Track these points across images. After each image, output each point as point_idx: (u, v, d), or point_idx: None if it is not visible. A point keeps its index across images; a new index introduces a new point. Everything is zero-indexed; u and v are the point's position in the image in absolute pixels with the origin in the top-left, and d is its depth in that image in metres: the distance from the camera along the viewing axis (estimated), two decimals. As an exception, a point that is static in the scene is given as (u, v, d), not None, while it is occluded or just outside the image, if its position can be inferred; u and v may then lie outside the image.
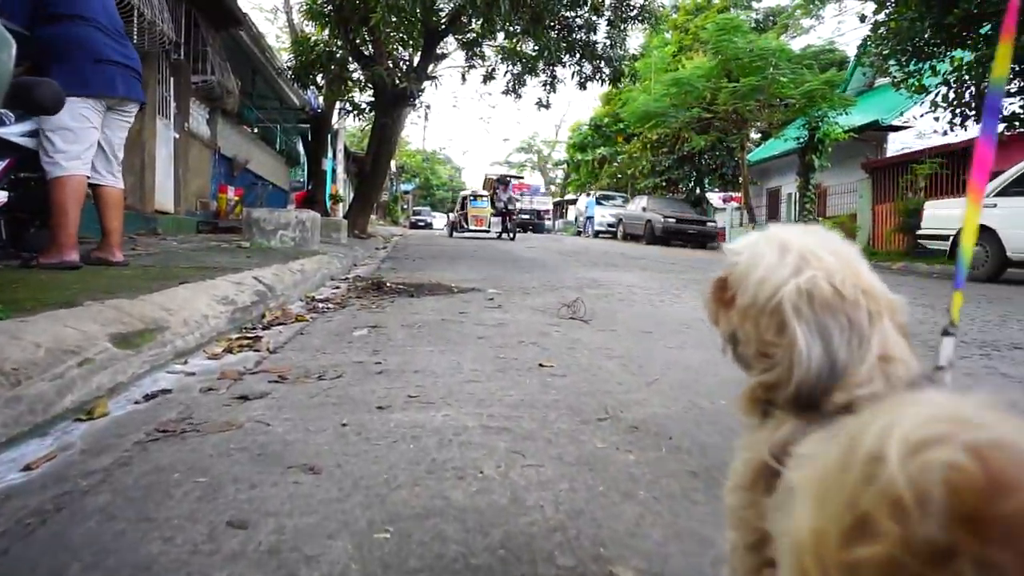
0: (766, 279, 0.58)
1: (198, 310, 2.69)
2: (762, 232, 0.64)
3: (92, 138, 3.67)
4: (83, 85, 3.54)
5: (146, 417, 1.53)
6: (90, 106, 3.62)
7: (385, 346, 2.63)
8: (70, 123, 3.53)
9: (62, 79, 3.47)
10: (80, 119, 3.56)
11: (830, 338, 0.54)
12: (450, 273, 6.60)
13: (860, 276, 0.58)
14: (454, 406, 1.69)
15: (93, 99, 3.62)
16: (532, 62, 14.65)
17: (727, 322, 0.65)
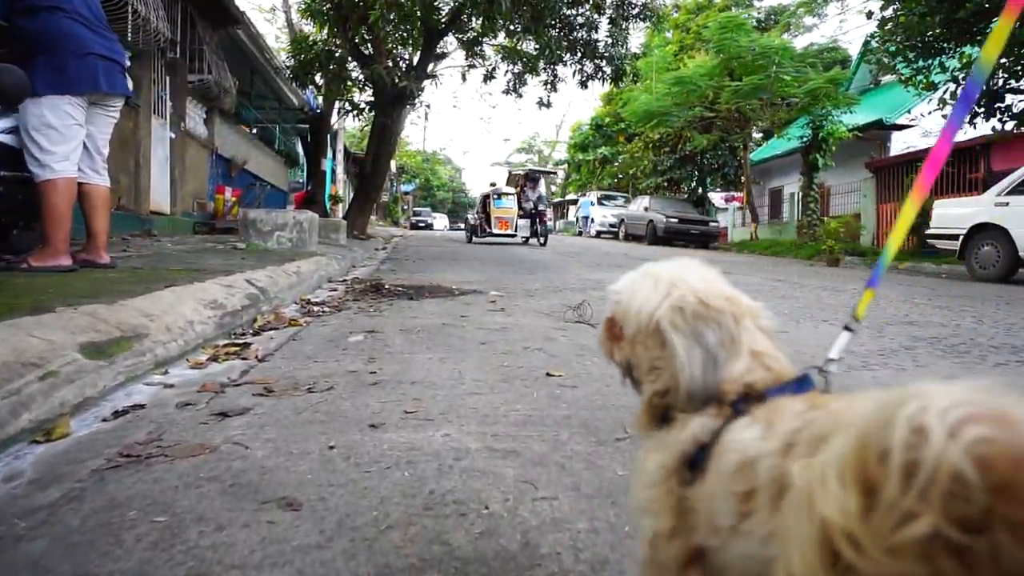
0: (643, 307, 0.67)
1: (183, 315, 2.53)
2: (637, 271, 0.73)
3: (79, 136, 3.52)
4: (66, 81, 3.38)
5: (111, 438, 1.37)
6: (74, 103, 3.45)
7: (382, 353, 2.47)
8: (54, 121, 3.37)
9: (44, 75, 3.31)
10: (64, 116, 3.40)
11: (705, 341, 0.63)
12: (451, 275, 6.44)
13: (722, 290, 0.67)
14: (455, 423, 1.53)
15: (77, 95, 3.46)
16: (533, 61, 14.49)
17: (620, 353, 0.72)
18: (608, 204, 24.69)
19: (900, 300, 5.19)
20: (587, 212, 25.33)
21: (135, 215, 8.09)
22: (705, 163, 22.14)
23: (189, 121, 10.55)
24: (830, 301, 4.95)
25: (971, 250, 8.51)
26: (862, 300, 0.79)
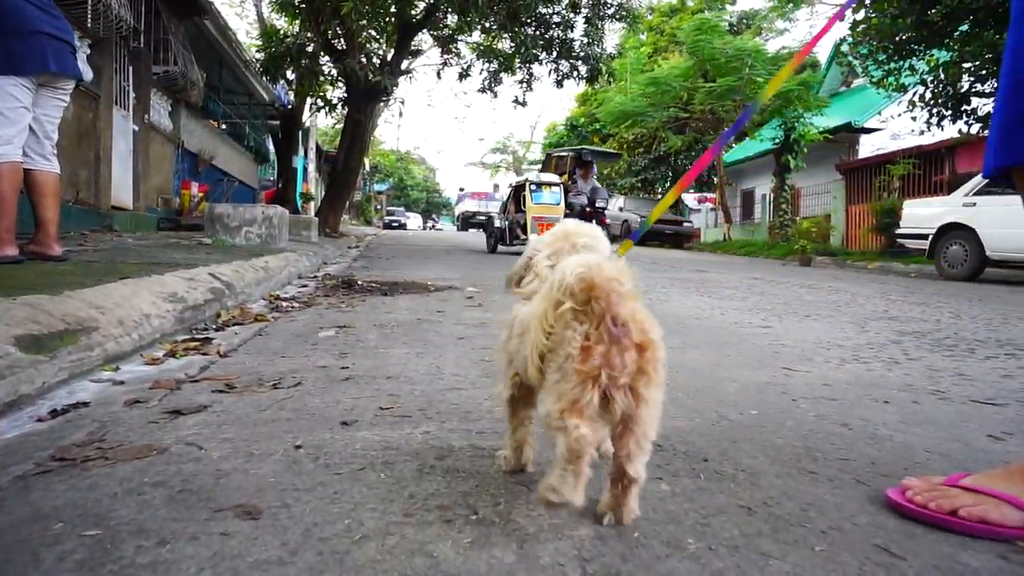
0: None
1: (138, 309, 2.34)
2: None
3: (25, 120, 3.30)
4: (11, 62, 3.17)
5: (45, 440, 1.20)
6: (20, 84, 3.24)
7: (354, 348, 2.32)
8: (3, 103, 3.15)
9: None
10: (9, 99, 3.19)
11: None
12: (425, 272, 6.28)
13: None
14: (435, 420, 1.40)
15: (23, 76, 3.24)
16: (508, 59, 14.40)
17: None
18: (583, 204, 24.67)
19: (876, 296, 5.20)
20: None
21: (94, 210, 7.75)
22: (679, 164, 22.29)
23: (153, 114, 10.18)
24: (809, 298, 4.93)
25: (940, 249, 8.64)
26: (622, 247, 1.23)
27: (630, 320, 0.83)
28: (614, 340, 0.81)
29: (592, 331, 0.81)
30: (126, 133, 9.16)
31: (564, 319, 0.83)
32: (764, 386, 1.84)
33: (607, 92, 25.13)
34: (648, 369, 0.84)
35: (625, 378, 0.82)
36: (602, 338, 0.81)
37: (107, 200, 8.24)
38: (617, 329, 0.81)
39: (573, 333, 0.82)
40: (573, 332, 0.82)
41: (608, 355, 0.81)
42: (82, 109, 7.63)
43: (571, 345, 0.82)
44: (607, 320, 0.81)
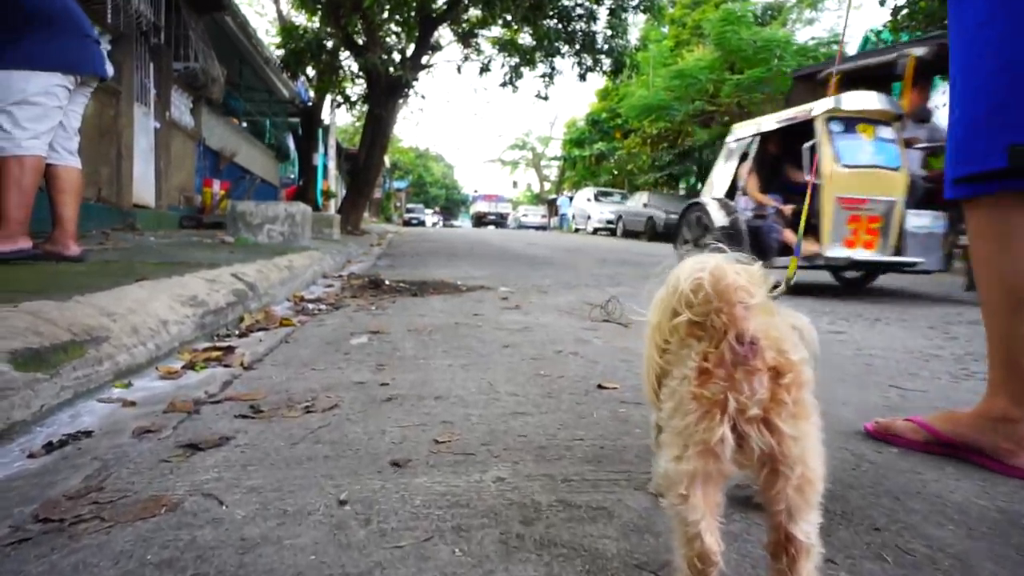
0: None
1: (155, 314, 2.13)
2: None
3: (57, 118, 3.22)
4: (63, 59, 3.14)
5: (32, 486, 0.97)
6: (64, 83, 3.17)
7: (391, 358, 2.08)
8: (40, 99, 3.07)
9: (39, 49, 3.04)
10: (52, 96, 3.12)
11: None
12: (452, 270, 6.04)
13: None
14: (506, 460, 1.15)
15: (69, 75, 3.18)
16: (530, 53, 14.10)
17: None
18: (605, 200, 24.31)
19: (939, 294, 4.85)
20: (565, 210, 28.20)
21: (116, 208, 7.63)
22: (705, 158, 21.79)
23: (174, 111, 10.07)
24: (868, 297, 4.59)
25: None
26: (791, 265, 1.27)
27: (762, 337, 0.66)
28: (739, 361, 0.65)
29: (712, 350, 0.67)
30: (147, 130, 9.05)
31: (680, 333, 0.71)
32: (883, 410, 1.56)
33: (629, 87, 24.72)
34: (786, 398, 0.65)
35: (756, 408, 0.65)
36: (723, 358, 0.66)
37: (129, 198, 8.13)
38: (743, 348, 0.65)
39: (689, 351, 0.69)
40: (689, 350, 0.69)
41: (732, 379, 0.65)
42: (103, 106, 7.51)
43: (687, 366, 0.68)
44: (730, 336, 0.66)
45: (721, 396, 0.64)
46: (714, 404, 0.65)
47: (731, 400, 0.64)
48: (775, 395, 0.65)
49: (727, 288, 0.66)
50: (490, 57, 14.61)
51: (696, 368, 0.66)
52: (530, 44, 14.06)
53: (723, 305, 0.66)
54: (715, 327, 0.66)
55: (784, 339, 0.68)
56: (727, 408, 0.64)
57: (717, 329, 0.66)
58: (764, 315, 0.68)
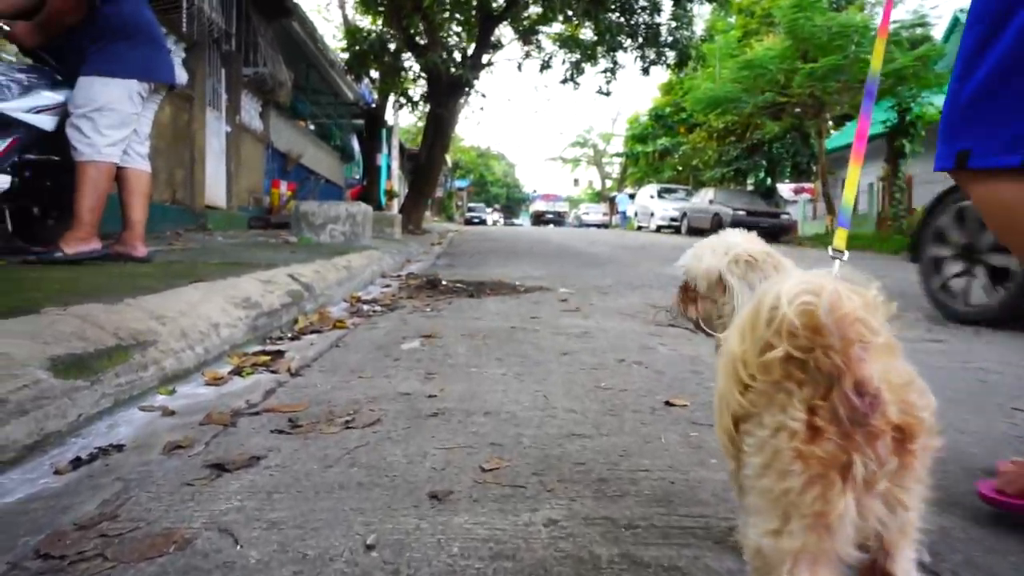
0: (710, 267, 0.91)
1: (206, 317, 2.10)
2: (692, 247, 0.97)
3: (133, 125, 3.34)
4: (144, 69, 3.28)
5: (46, 511, 0.90)
6: (142, 91, 3.31)
7: (442, 366, 1.97)
8: (120, 105, 3.19)
9: (126, 60, 3.16)
10: (130, 104, 3.25)
11: (752, 282, 0.87)
12: (511, 270, 5.93)
13: (764, 247, 0.90)
14: (559, 495, 1.00)
15: (147, 82, 3.31)
16: (591, 49, 13.84)
17: (694, 310, 0.96)
18: (668, 197, 23.68)
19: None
20: (624, 208, 28.90)
21: (189, 209, 7.93)
22: (775, 152, 20.86)
23: (244, 114, 10.42)
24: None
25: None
26: (839, 235, 0.93)
27: (884, 387, 0.51)
28: (858, 420, 0.50)
29: (819, 401, 0.52)
30: (219, 134, 9.39)
31: (773, 372, 0.54)
32: (1011, 440, 1.32)
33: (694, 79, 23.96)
34: (915, 465, 0.53)
35: (885, 481, 0.51)
36: (837, 414, 0.51)
37: (201, 199, 8.44)
38: (862, 401, 0.50)
39: (788, 398, 0.53)
40: (789, 396, 0.53)
41: (851, 440, 0.51)
42: (178, 111, 7.81)
43: (789, 415, 0.52)
44: (846, 385, 0.51)
45: (843, 457, 0.50)
46: (831, 467, 0.50)
47: (858, 465, 0.50)
48: (904, 463, 0.52)
49: (844, 320, 0.51)
50: (551, 54, 14.45)
51: (804, 423, 0.52)
52: (591, 39, 13.81)
53: (837, 342, 0.51)
54: (822, 370, 0.51)
55: (912, 388, 0.54)
56: (852, 474, 0.50)
57: (824, 373, 0.51)
58: (885, 357, 0.53)
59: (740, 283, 0.87)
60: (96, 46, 3.11)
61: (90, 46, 3.12)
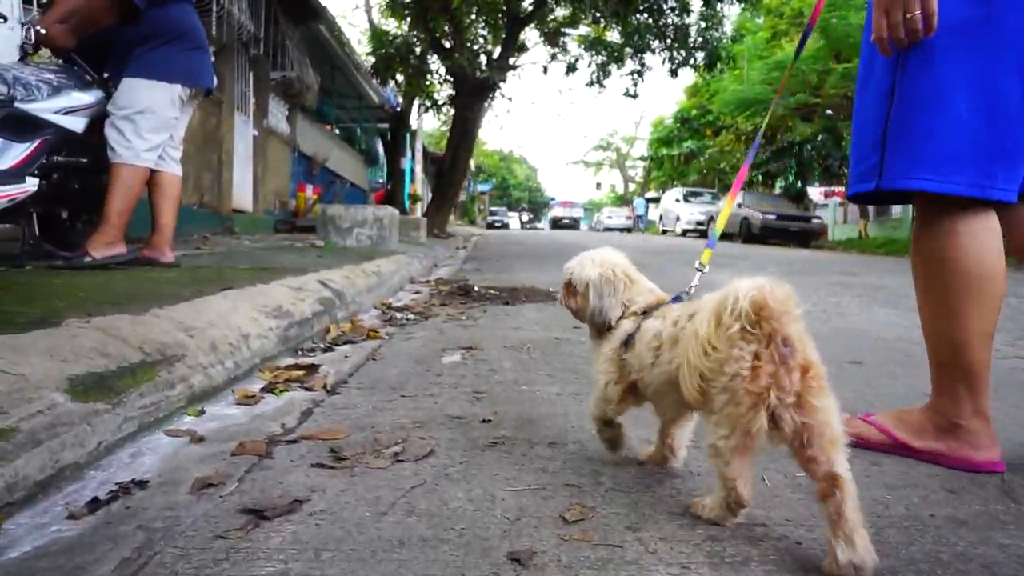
0: (586, 276, 1.22)
1: (236, 328, 1.96)
2: (579, 256, 1.28)
3: (171, 129, 3.26)
4: (188, 73, 3.20)
5: (53, 573, 0.75)
6: (183, 95, 3.23)
7: (489, 383, 1.80)
8: (164, 111, 3.12)
9: (171, 63, 3.09)
10: (171, 108, 3.18)
11: (601, 295, 1.19)
12: (540, 274, 5.76)
13: (625, 269, 1.22)
14: (669, 562, 0.82)
15: (188, 87, 3.23)
16: (618, 50, 13.63)
17: (574, 302, 1.27)
18: (694, 201, 23.32)
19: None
20: (641, 212, 31.43)
21: (216, 213, 7.90)
22: (805, 154, 20.40)
23: (271, 118, 10.42)
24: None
25: None
26: (704, 255, 1.33)
27: (798, 342, 0.85)
28: (783, 360, 0.84)
29: (762, 350, 0.84)
30: (246, 137, 9.37)
31: (730, 339, 0.85)
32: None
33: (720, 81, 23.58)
34: (814, 385, 0.85)
35: (792, 397, 0.84)
36: (772, 358, 0.83)
37: (228, 203, 8.42)
38: (786, 349, 0.84)
39: (741, 352, 0.84)
40: (741, 351, 0.84)
41: (777, 375, 0.83)
42: (206, 115, 7.79)
43: (740, 365, 0.84)
44: (777, 340, 0.84)
45: (766, 390, 0.83)
46: (760, 399, 0.83)
47: (772, 394, 0.83)
48: (807, 385, 0.84)
49: (777, 302, 0.83)
50: (577, 56, 14.27)
51: (749, 367, 0.84)
52: (618, 41, 13.60)
53: (773, 315, 0.83)
54: (763, 332, 0.83)
55: (809, 343, 0.87)
56: (769, 400, 0.83)
57: (765, 334, 0.84)
58: (797, 325, 0.86)
59: (595, 292, 1.19)
60: (142, 48, 3.04)
61: (136, 48, 3.05)
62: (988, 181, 1.18)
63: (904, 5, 1.14)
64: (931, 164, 1.20)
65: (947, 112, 1.18)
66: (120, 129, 2.98)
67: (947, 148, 1.19)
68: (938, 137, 1.19)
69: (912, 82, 1.21)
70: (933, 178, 1.20)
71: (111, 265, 3.05)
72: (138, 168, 3.04)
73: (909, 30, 1.16)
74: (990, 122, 1.17)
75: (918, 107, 1.21)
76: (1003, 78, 1.16)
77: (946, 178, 1.19)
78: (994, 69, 1.17)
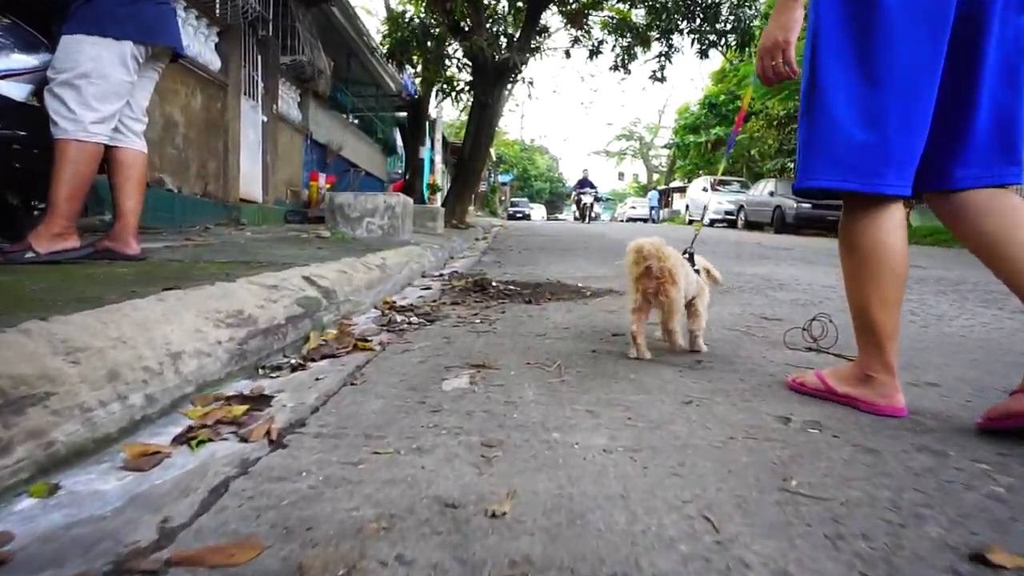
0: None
1: (162, 344, 1.43)
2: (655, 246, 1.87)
3: (126, 96, 2.72)
4: (141, 28, 2.65)
5: None
6: (138, 55, 2.69)
7: (504, 427, 1.25)
8: (114, 74, 2.59)
9: (118, 16, 2.56)
10: (124, 71, 2.64)
11: None
12: (567, 266, 5.19)
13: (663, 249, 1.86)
14: None
15: (144, 45, 2.70)
16: (644, 32, 12.91)
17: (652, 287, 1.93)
18: (722, 189, 22.45)
19: None
20: (655, 204, 33.22)
21: (221, 203, 7.46)
22: (841, 140, 19.36)
23: (282, 104, 9.95)
24: None
25: None
26: (696, 225, 2.31)
27: (657, 268, 1.82)
28: (649, 277, 1.84)
29: (641, 275, 1.85)
30: (255, 124, 8.92)
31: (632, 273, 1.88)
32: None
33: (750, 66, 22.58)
34: (668, 285, 1.83)
35: (652, 288, 1.85)
36: (644, 275, 1.85)
37: (235, 192, 7.97)
38: (650, 271, 1.83)
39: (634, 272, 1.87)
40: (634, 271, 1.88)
41: (645, 281, 1.86)
42: (210, 99, 7.34)
43: (636, 286, 1.89)
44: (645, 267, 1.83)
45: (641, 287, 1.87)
46: (639, 291, 1.87)
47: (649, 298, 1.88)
48: (662, 283, 1.83)
49: (648, 248, 1.82)
50: (600, 40, 13.58)
51: (636, 278, 1.86)
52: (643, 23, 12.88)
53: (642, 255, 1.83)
54: (639, 266, 1.84)
55: (672, 269, 1.82)
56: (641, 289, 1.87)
57: (640, 266, 1.84)
58: (664, 260, 1.81)
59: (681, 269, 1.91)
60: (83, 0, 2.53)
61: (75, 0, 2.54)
62: (879, 180, 1.37)
63: (772, 55, 1.49)
64: (827, 166, 1.41)
65: (833, 123, 1.40)
66: (61, 97, 2.47)
67: (836, 153, 1.40)
68: (829, 143, 1.41)
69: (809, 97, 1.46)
70: (830, 178, 1.41)
71: (64, 261, 2.56)
72: (86, 144, 2.54)
73: (777, 73, 1.52)
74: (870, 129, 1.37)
75: (817, 118, 1.43)
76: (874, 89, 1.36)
77: (843, 177, 1.39)
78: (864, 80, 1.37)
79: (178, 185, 6.53)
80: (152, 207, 5.77)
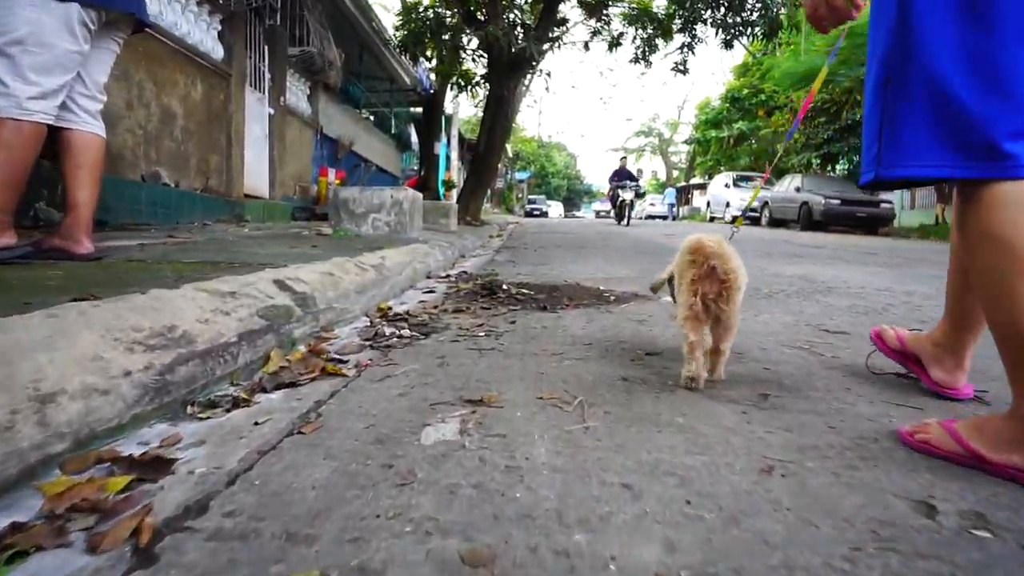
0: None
1: (26, 380, 1.02)
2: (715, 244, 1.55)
3: (74, 69, 2.33)
4: None
5: None
6: (87, 20, 2.30)
7: (504, 510, 0.83)
8: (58, 41, 2.21)
9: None
10: (69, 39, 2.24)
11: None
12: (586, 266, 4.74)
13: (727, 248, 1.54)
14: None
15: (94, 10, 2.31)
16: (665, 22, 12.38)
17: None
18: (745, 185, 21.80)
19: None
20: (672, 201, 32.84)
21: (223, 199, 7.11)
22: (872, 134, 18.56)
23: (290, 96, 9.60)
24: None
25: None
26: (737, 221, 1.97)
27: (720, 267, 1.48)
28: (709, 275, 1.49)
29: (698, 271, 1.51)
30: (261, 117, 8.57)
31: (684, 268, 1.56)
32: None
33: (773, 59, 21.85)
34: (729, 292, 1.50)
35: (712, 294, 1.49)
36: (702, 275, 1.50)
37: (239, 188, 7.63)
38: (712, 270, 1.49)
39: (687, 272, 1.54)
40: (688, 271, 1.54)
41: (702, 282, 1.51)
42: (211, 89, 6.98)
43: (687, 279, 1.54)
44: (706, 264, 1.49)
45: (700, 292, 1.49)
46: (694, 293, 1.50)
47: (699, 291, 1.49)
48: (722, 289, 1.48)
49: (708, 245, 1.51)
50: (620, 31, 13.08)
51: (690, 279, 1.51)
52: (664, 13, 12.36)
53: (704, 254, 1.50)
54: (697, 263, 1.50)
55: (733, 268, 1.48)
56: (699, 294, 1.49)
57: (699, 264, 1.50)
58: (723, 258, 1.48)
59: None
60: None
61: None
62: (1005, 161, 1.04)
63: None
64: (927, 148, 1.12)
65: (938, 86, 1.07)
66: None
67: (943, 128, 1.08)
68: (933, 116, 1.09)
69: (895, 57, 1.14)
70: (935, 164, 1.11)
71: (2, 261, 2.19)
72: (22, 124, 2.15)
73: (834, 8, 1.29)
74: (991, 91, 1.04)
75: (910, 81, 1.11)
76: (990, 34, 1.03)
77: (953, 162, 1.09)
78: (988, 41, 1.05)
79: (176, 179, 6.19)
80: (146, 202, 5.42)
